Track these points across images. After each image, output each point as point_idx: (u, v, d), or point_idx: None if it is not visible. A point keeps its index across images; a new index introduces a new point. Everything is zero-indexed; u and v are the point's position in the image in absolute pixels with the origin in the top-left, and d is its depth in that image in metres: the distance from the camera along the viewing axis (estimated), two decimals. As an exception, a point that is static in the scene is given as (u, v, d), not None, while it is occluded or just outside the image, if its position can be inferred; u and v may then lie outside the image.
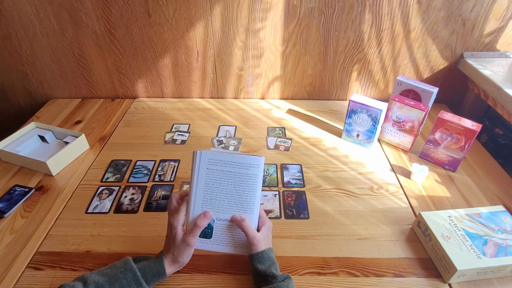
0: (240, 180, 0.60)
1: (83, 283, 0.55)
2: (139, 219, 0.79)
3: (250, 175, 0.60)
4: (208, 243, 0.62)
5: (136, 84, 1.27)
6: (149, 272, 0.59)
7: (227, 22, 1.10)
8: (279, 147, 1.03)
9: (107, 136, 1.08)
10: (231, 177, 0.60)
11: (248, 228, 0.61)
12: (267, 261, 0.61)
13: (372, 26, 1.08)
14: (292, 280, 0.59)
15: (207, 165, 0.60)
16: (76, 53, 1.18)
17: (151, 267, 0.59)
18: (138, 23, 1.10)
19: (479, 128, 0.84)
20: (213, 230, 0.62)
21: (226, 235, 0.62)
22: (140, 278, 0.57)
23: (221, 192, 0.61)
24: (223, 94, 1.29)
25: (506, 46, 1.11)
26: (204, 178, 0.61)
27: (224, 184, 0.60)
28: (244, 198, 0.61)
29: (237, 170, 0.60)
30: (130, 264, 0.58)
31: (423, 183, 0.90)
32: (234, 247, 0.63)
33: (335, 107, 1.24)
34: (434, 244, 0.69)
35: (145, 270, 0.59)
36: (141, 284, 0.57)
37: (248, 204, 0.61)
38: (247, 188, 0.60)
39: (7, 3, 1.06)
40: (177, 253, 0.60)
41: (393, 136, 1.02)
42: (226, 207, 0.61)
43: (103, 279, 0.56)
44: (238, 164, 0.60)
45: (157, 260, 0.60)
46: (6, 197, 0.84)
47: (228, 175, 0.60)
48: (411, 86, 1.00)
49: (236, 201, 0.61)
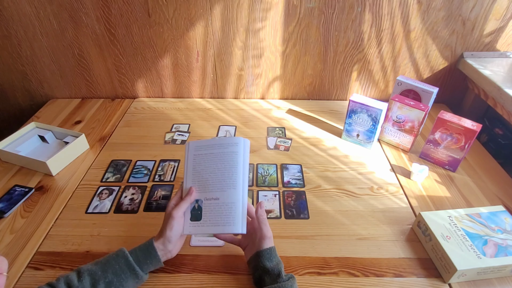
0: (222, 158, 0.65)
1: (77, 273, 0.56)
2: (139, 219, 0.79)
3: (229, 153, 0.65)
4: (199, 226, 0.63)
5: (136, 84, 1.27)
6: (140, 255, 0.60)
7: (227, 22, 1.10)
8: (279, 147, 1.03)
9: (107, 136, 1.08)
10: (214, 157, 0.65)
11: (264, 223, 0.63)
12: (275, 258, 0.62)
13: (372, 26, 1.08)
14: (295, 280, 0.60)
15: (194, 152, 0.67)
16: (76, 53, 1.18)
17: (141, 249, 0.61)
18: (138, 23, 1.10)
19: (479, 128, 0.84)
20: (202, 211, 0.64)
21: (215, 214, 0.63)
22: (132, 263, 0.58)
23: (206, 173, 0.65)
24: (223, 94, 1.29)
25: (506, 46, 1.11)
26: (192, 164, 0.67)
27: (209, 165, 0.65)
28: (226, 174, 0.64)
29: (218, 151, 0.66)
30: (122, 250, 0.60)
31: (423, 183, 0.90)
32: (223, 226, 0.62)
33: (335, 107, 1.24)
34: (434, 244, 0.69)
35: (137, 254, 0.60)
36: (133, 269, 0.58)
37: (230, 180, 0.63)
38: (228, 165, 0.64)
39: (7, 3, 1.06)
40: (163, 227, 0.61)
41: (393, 136, 1.02)
42: (211, 186, 0.64)
43: (96, 267, 0.57)
44: (218, 145, 0.66)
45: (147, 241, 0.61)
46: (6, 197, 0.84)
47: (211, 156, 0.66)
48: (411, 86, 1.00)
49: (220, 179, 0.64)
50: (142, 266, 0.59)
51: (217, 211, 0.63)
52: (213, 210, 0.63)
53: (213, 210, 0.63)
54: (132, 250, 0.61)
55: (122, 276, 0.57)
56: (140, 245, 0.61)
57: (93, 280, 0.56)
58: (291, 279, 0.59)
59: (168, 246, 0.61)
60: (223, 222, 0.62)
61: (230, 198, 0.63)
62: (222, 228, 0.62)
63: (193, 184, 0.65)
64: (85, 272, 0.56)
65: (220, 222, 0.62)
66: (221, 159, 0.65)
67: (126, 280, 0.58)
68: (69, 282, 0.55)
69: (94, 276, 0.56)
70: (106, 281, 0.56)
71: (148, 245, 0.61)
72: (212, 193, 0.64)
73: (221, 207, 0.63)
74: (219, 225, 0.62)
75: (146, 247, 0.61)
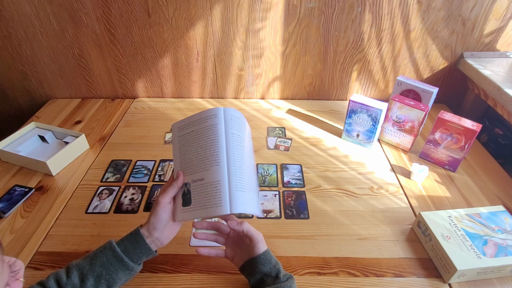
0: (202, 134, 0.59)
1: (66, 269, 0.56)
2: (139, 219, 0.79)
3: (209, 127, 0.59)
4: (189, 211, 0.57)
5: (136, 84, 1.27)
6: (128, 245, 0.57)
7: (227, 22, 1.10)
8: (279, 147, 1.03)
9: (107, 136, 1.08)
10: (195, 135, 0.60)
11: (249, 229, 0.61)
12: (272, 260, 0.61)
13: (372, 26, 1.08)
14: (294, 280, 0.59)
15: (178, 133, 0.62)
16: (76, 53, 1.18)
17: (128, 238, 0.58)
18: (138, 23, 1.10)
19: (479, 128, 0.84)
20: (191, 194, 0.58)
21: (202, 196, 0.57)
22: (120, 253, 0.56)
23: (191, 153, 0.60)
24: (223, 94, 1.29)
25: (506, 46, 1.11)
26: (178, 146, 0.62)
27: (192, 144, 0.60)
28: (208, 151, 0.58)
29: (199, 127, 0.60)
30: (109, 242, 0.58)
31: (423, 183, 0.90)
32: (210, 208, 0.56)
33: (335, 107, 1.24)
34: (434, 244, 0.69)
35: (125, 244, 0.58)
36: (122, 260, 0.56)
37: (213, 157, 0.57)
38: (209, 140, 0.58)
39: (7, 3, 1.06)
40: (150, 213, 0.59)
41: (393, 136, 1.02)
42: (196, 166, 0.59)
43: (84, 262, 0.56)
44: (198, 120, 0.60)
45: (134, 230, 0.59)
46: (6, 197, 0.84)
47: (193, 134, 0.60)
48: (411, 86, 1.00)
49: (203, 157, 0.58)
50: (131, 256, 0.57)
51: (203, 192, 0.57)
52: (200, 192, 0.57)
53: (200, 192, 0.57)
54: (120, 241, 0.58)
55: (111, 269, 0.55)
56: (127, 234, 0.59)
57: (82, 275, 0.54)
58: (290, 279, 0.58)
59: (154, 233, 0.58)
60: (210, 204, 0.56)
61: (214, 177, 0.56)
62: (210, 211, 0.56)
63: (181, 167, 0.60)
64: (74, 267, 0.55)
65: (207, 204, 0.56)
66: (202, 136, 0.59)
67: (115, 272, 0.56)
68: (58, 279, 0.54)
69: (82, 270, 0.55)
70: (95, 274, 0.55)
71: (135, 233, 0.58)
72: (197, 174, 0.58)
73: (206, 187, 0.57)
74: (207, 207, 0.56)
75: (133, 236, 0.58)
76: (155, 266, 0.68)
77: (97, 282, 0.55)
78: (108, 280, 0.55)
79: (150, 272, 0.67)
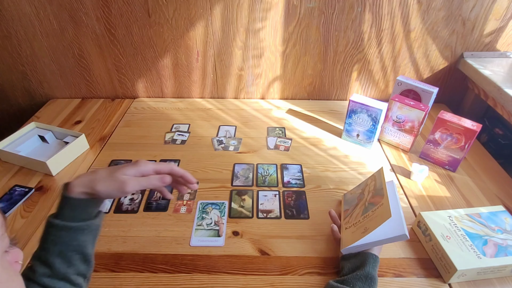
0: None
1: (29, 268, 0.50)
2: (139, 219, 0.79)
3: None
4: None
5: (136, 84, 1.27)
6: (64, 209, 0.50)
7: (227, 22, 1.10)
8: (279, 147, 1.03)
9: (107, 136, 1.08)
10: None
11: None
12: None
13: (372, 26, 1.08)
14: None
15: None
16: (76, 53, 1.18)
17: (59, 200, 0.50)
18: (138, 23, 1.10)
19: (479, 128, 0.84)
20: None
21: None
22: (63, 224, 0.49)
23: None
24: (223, 94, 1.29)
25: (506, 46, 1.11)
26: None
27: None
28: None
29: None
30: (47, 220, 0.50)
31: (423, 183, 0.90)
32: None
33: (335, 107, 1.24)
34: (434, 244, 0.68)
35: (59, 210, 0.50)
36: (70, 228, 0.49)
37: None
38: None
39: (7, 3, 1.06)
40: (100, 180, 0.50)
41: (393, 136, 1.02)
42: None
43: (37, 251, 0.50)
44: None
45: (63, 196, 0.50)
46: (6, 197, 0.84)
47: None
48: (411, 86, 1.00)
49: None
50: (78, 217, 0.50)
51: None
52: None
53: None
54: (57, 212, 0.50)
55: (66, 240, 0.49)
56: (59, 202, 0.51)
57: (44, 262, 0.49)
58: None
59: (93, 194, 0.50)
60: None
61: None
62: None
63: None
64: (33, 260, 0.49)
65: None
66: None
67: (74, 239, 0.49)
68: (28, 277, 0.48)
69: (41, 258, 0.49)
70: (56, 254, 0.49)
71: (67, 199, 0.49)
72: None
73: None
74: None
75: (67, 203, 0.50)
76: (155, 266, 0.68)
77: (63, 258, 0.49)
78: (74, 249, 0.50)
79: (150, 272, 0.67)
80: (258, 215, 0.80)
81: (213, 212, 0.80)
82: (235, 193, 0.86)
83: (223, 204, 0.83)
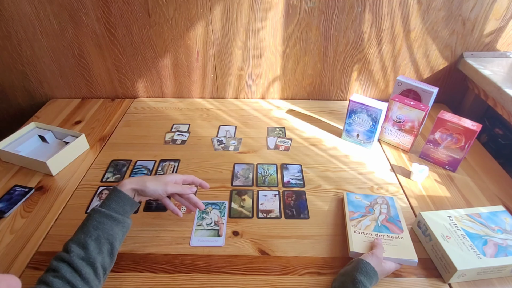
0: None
1: (64, 249, 0.57)
2: (139, 219, 0.79)
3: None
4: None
5: (136, 84, 1.27)
6: (110, 201, 0.63)
7: (227, 22, 1.10)
8: (279, 147, 1.03)
9: (107, 136, 1.08)
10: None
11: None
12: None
13: (372, 26, 1.08)
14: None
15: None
16: (76, 53, 1.18)
17: (112, 198, 0.63)
18: (138, 23, 1.10)
19: (479, 128, 0.84)
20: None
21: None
22: (108, 212, 0.61)
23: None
24: (223, 94, 1.29)
25: (506, 46, 1.11)
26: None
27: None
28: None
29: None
30: (93, 208, 0.62)
31: (423, 183, 0.90)
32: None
33: (335, 107, 1.24)
34: (434, 244, 0.68)
35: (106, 201, 0.63)
36: (111, 216, 0.61)
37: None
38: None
39: (7, 3, 1.06)
40: (146, 182, 0.68)
41: (393, 136, 1.02)
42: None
43: (76, 235, 0.58)
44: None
45: (116, 191, 0.65)
46: (6, 197, 0.84)
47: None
48: (411, 86, 1.00)
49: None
50: (118, 211, 0.63)
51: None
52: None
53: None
54: (103, 203, 0.63)
55: (105, 227, 0.59)
56: (108, 195, 0.64)
57: (81, 244, 0.56)
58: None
59: (140, 198, 0.69)
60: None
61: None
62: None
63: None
64: (69, 243, 0.57)
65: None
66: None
67: (111, 228, 0.60)
68: (62, 258, 0.54)
69: (80, 240, 0.57)
70: (93, 238, 0.57)
71: (118, 193, 0.64)
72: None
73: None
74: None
75: (117, 196, 0.64)
76: (155, 266, 0.68)
77: (98, 243, 0.57)
78: (107, 238, 0.58)
79: (150, 272, 0.67)
80: (258, 215, 0.80)
81: (213, 212, 0.80)
82: (235, 193, 0.86)
83: (223, 204, 0.83)
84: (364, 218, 0.75)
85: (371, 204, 0.79)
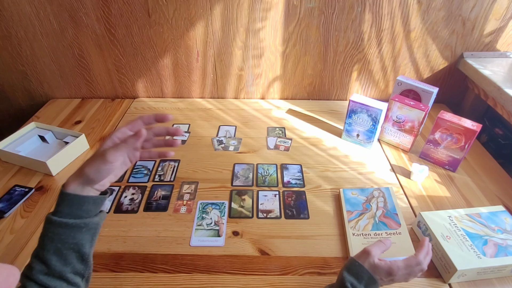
0: None
1: (28, 265, 0.49)
2: (139, 219, 0.79)
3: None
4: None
5: (136, 84, 1.27)
6: (64, 209, 0.50)
7: (227, 22, 1.10)
8: (279, 147, 1.03)
9: (107, 136, 1.08)
10: None
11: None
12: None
13: (372, 26, 1.08)
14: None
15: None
16: (76, 53, 1.18)
17: (60, 203, 0.51)
18: (138, 23, 1.10)
19: (479, 128, 0.84)
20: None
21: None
22: (59, 221, 0.49)
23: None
24: (223, 94, 1.29)
25: (506, 46, 1.11)
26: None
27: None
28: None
29: None
30: (46, 217, 0.50)
31: (423, 183, 0.90)
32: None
33: (335, 107, 1.24)
34: (434, 244, 0.68)
35: (57, 207, 0.50)
36: (66, 225, 0.49)
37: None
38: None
39: (7, 3, 1.06)
40: (87, 165, 0.52)
41: (393, 136, 1.02)
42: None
43: (36, 249, 0.50)
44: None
45: (60, 193, 0.51)
46: (6, 197, 0.84)
47: None
48: (411, 86, 1.00)
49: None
50: (76, 215, 0.50)
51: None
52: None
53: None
54: (55, 210, 0.51)
55: (62, 238, 0.49)
56: (57, 199, 0.51)
57: (41, 259, 0.48)
58: None
59: (92, 185, 0.53)
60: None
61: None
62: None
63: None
64: (31, 258, 0.49)
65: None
66: None
67: (71, 237, 0.49)
68: (27, 275, 0.48)
69: (39, 255, 0.49)
70: (52, 251, 0.48)
71: (64, 196, 0.51)
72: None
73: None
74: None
75: (64, 199, 0.50)
76: (155, 266, 0.68)
77: (59, 256, 0.49)
78: (71, 247, 0.49)
79: (150, 272, 0.67)
80: (258, 215, 0.80)
81: (213, 212, 0.80)
82: (235, 193, 0.86)
83: (223, 204, 0.83)
84: (361, 217, 0.76)
85: (368, 199, 0.80)
